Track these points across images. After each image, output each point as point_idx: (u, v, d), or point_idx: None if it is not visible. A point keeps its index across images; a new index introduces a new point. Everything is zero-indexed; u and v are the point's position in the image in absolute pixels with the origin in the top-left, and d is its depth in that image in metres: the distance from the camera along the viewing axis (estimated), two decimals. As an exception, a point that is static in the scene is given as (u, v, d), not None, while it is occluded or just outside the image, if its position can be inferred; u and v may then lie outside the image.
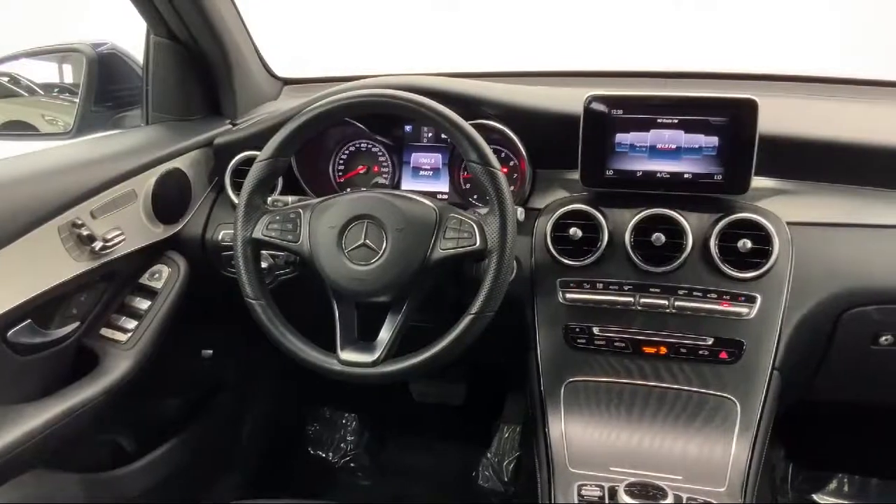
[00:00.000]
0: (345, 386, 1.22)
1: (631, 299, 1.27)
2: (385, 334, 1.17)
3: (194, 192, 1.52)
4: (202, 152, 1.54)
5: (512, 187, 1.37)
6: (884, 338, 1.28)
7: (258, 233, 1.21)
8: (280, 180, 1.45)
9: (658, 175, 1.27)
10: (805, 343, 1.26)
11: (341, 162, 1.55)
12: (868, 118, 1.47)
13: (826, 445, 1.94)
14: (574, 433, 1.21)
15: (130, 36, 1.66)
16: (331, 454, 2.20)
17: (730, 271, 1.23)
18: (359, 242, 1.16)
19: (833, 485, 1.92)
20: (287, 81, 1.88)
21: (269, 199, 1.33)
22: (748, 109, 1.20)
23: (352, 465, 2.18)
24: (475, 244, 1.14)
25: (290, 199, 1.35)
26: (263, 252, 1.31)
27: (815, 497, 1.93)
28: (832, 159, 1.29)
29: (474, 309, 1.12)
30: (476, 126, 1.19)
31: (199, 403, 1.84)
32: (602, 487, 1.11)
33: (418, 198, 1.21)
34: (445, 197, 1.48)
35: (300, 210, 1.22)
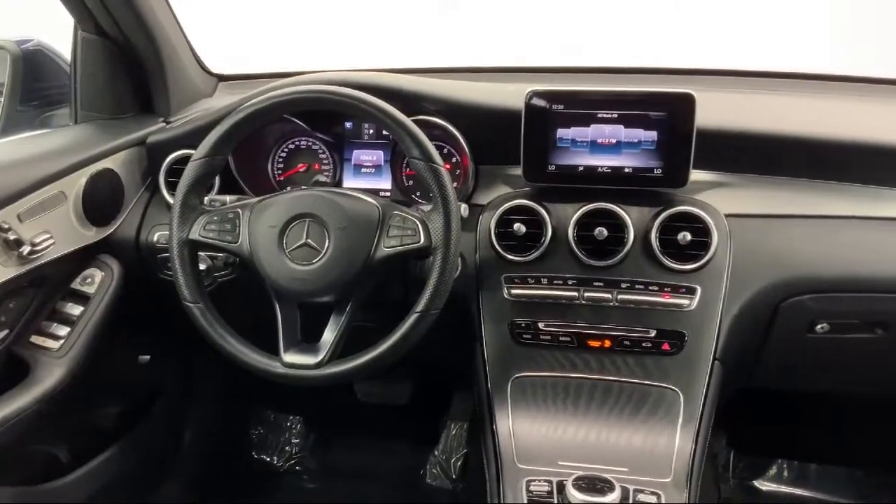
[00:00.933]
0: (289, 388, 1.20)
1: (575, 294, 1.28)
2: (329, 335, 1.15)
3: (127, 192, 1.47)
4: (135, 151, 1.49)
5: (455, 184, 1.37)
6: (819, 326, 1.31)
7: (195, 234, 1.17)
8: (217, 179, 1.41)
9: (599, 170, 1.28)
10: (744, 333, 1.28)
11: (280, 160, 1.52)
12: (803, 111, 1.51)
13: (766, 432, 2.00)
14: (521, 429, 1.21)
15: (57, 32, 1.60)
16: (275, 458, 2.16)
17: (670, 264, 1.25)
18: (300, 242, 1.14)
19: (773, 471, 1.98)
20: (222, 78, 1.83)
21: (206, 198, 1.29)
22: (685, 104, 1.22)
23: (297, 468, 2.15)
24: (419, 242, 1.13)
25: (228, 198, 1.31)
26: (201, 253, 1.28)
27: (755, 483, 1.98)
28: (768, 152, 1.32)
29: (419, 307, 1.11)
30: (418, 122, 1.18)
31: (136, 410, 1.78)
32: (550, 482, 1.11)
33: (361, 195, 1.19)
34: (388, 194, 1.46)
35: (239, 210, 1.18)
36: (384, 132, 1.45)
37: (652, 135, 1.25)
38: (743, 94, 1.62)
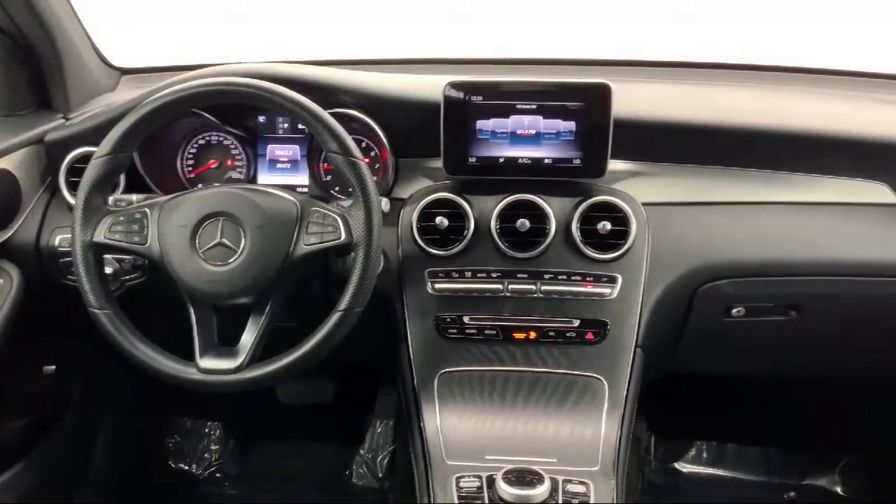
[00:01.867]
0: (206, 394, 1.15)
1: (499, 286, 1.27)
2: (248, 338, 1.11)
3: (24, 194, 1.37)
4: (32, 150, 1.40)
5: (375, 178, 1.33)
6: (735, 310, 1.35)
7: (100, 236, 1.11)
8: (122, 178, 1.33)
9: (520, 161, 1.28)
10: (664, 319, 1.30)
11: (190, 156, 1.46)
12: (716, 100, 1.54)
13: (685, 415, 2.05)
14: (449, 425, 1.20)
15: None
16: (194, 466, 2.09)
17: (591, 253, 1.26)
18: (214, 242, 1.09)
19: (693, 452, 2.03)
20: (125, 71, 1.75)
21: (111, 198, 1.22)
22: (602, 94, 1.23)
23: (217, 475, 2.08)
24: (340, 238, 1.10)
25: (134, 197, 1.25)
26: (107, 256, 1.21)
27: (676, 466, 2.03)
28: (683, 141, 1.35)
29: (342, 305, 1.09)
30: (335, 115, 1.15)
31: (43, 424, 1.69)
32: (480, 478, 1.10)
33: (277, 192, 1.15)
34: (306, 190, 1.42)
35: (146, 209, 1.13)
36: (300, 126, 1.41)
37: (570, 125, 1.25)
38: (658, 84, 1.65)
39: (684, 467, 2.03)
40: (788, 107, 1.52)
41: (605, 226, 1.24)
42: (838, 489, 1.97)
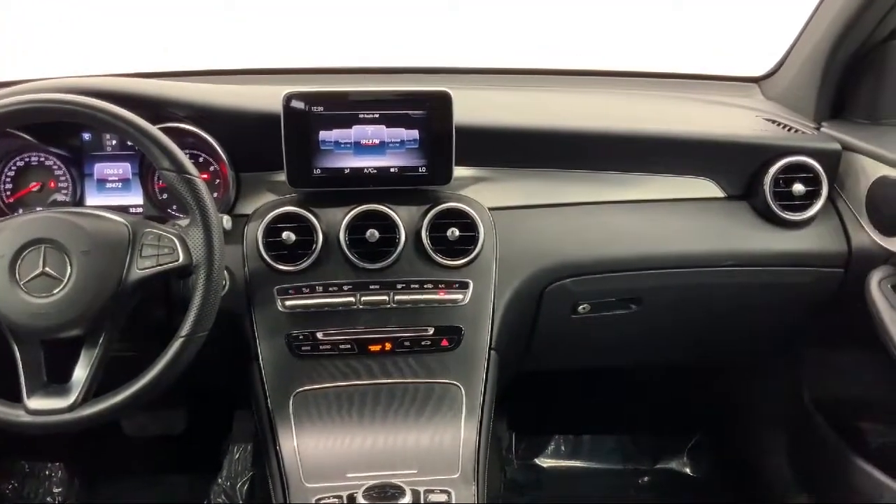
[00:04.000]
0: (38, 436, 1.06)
1: (352, 299, 1.25)
2: (80, 373, 1.03)
3: None
4: None
5: (215, 194, 1.29)
6: (581, 307, 1.40)
7: None
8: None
9: (365, 171, 1.26)
10: (516, 321, 1.33)
11: (8, 180, 1.33)
12: (553, 105, 1.60)
13: (544, 411, 2.11)
14: (307, 446, 1.17)
15: None
16: (37, 511, 1.92)
17: (442, 260, 1.26)
18: (37, 271, 1.01)
19: (552, 447, 2.10)
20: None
21: None
22: (443, 102, 1.24)
23: (64, 517, 1.93)
24: (178, 260, 1.04)
25: None
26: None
27: (537, 461, 2.09)
28: (522, 146, 1.38)
29: (184, 331, 1.04)
30: (166, 130, 1.10)
31: None
32: (340, 497, 1.08)
33: (106, 214, 1.08)
34: (140, 210, 1.34)
35: None
36: (129, 142, 1.32)
37: (414, 134, 1.25)
38: (497, 91, 1.69)
39: (545, 462, 2.09)
40: (619, 110, 1.60)
41: (454, 232, 1.25)
42: (687, 470, 2.10)
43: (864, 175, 1.40)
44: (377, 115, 1.24)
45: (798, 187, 1.37)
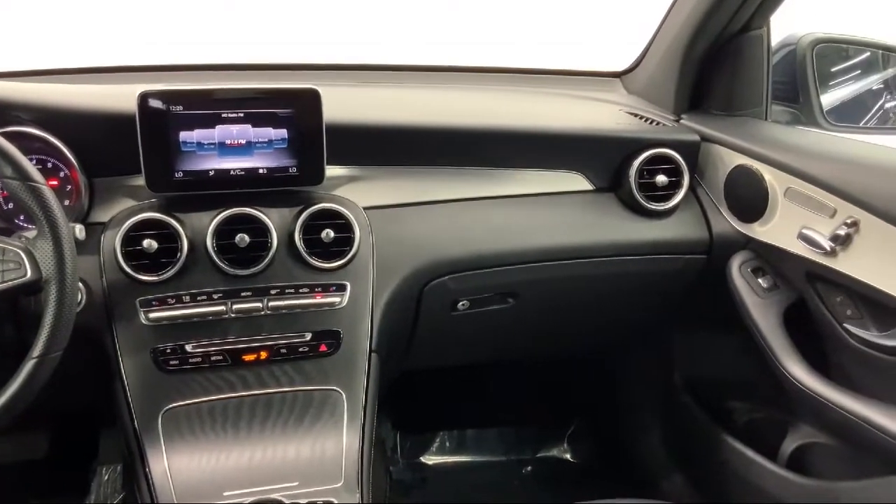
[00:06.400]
0: None
1: (223, 308, 1.19)
2: None
3: None
4: None
5: (66, 202, 1.20)
6: (461, 303, 1.40)
7: None
8: None
9: (232, 172, 1.21)
10: (396, 321, 1.31)
11: None
12: (421, 101, 1.59)
13: (427, 409, 2.11)
14: (179, 466, 1.10)
15: None
16: None
17: (318, 263, 1.22)
18: None
19: (437, 444, 2.10)
20: None
21: None
22: (311, 100, 1.20)
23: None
24: (25, 275, 0.96)
25: None
26: None
27: (422, 459, 2.08)
28: (394, 143, 1.36)
29: (36, 351, 0.95)
30: (8, 135, 1.02)
31: None
32: None
33: None
34: None
35: None
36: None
37: (282, 133, 1.21)
38: (367, 88, 1.66)
39: (430, 460, 2.09)
40: (487, 106, 1.61)
41: (329, 233, 1.22)
42: (568, 456, 2.16)
43: (721, 164, 1.47)
44: (242, 114, 1.19)
45: (661, 178, 1.43)
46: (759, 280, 1.41)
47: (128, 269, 1.15)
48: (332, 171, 1.27)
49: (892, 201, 1.16)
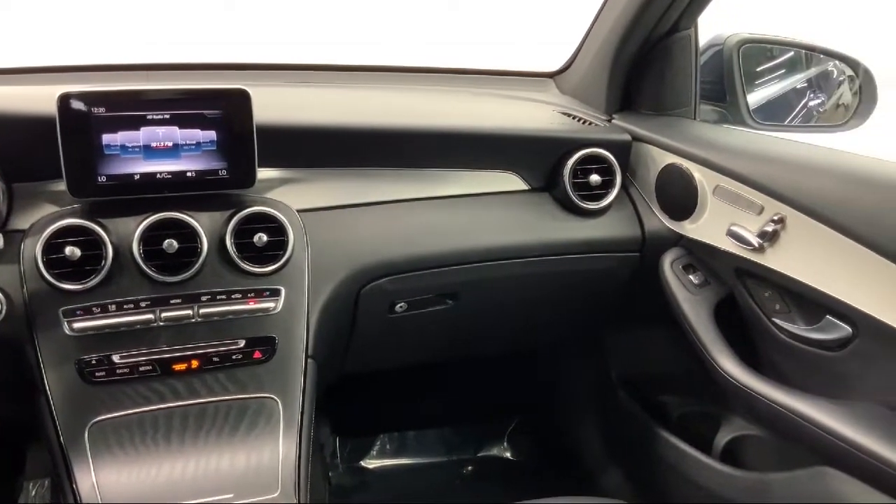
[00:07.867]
0: None
1: (151, 316, 1.15)
2: None
3: None
4: None
5: (-18, 208, 1.14)
6: (399, 305, 1.39)
7: None
8: None
9: (158, 176, 1.17)
10: (333, 325, 1.29)
11: None
12: (353, 102, 1.57)
13: (367, 412, 2.09)
14: (108, 481, 1.06)
15: None
16: None
17: (251, 268, 1.20)
18: None
19: (377, 447, 2.08)
20: None
21: None
22: (241, 100, 1.17)
23: None
24: None
25: None
26: None
27: (362, 463, 2.06)
28: (327, 145, 1.34)
29: None
30: None
31: None
32: None
33: None
34: None
35: None
36: None
37: (211, 135, 1.17)
38: (297, 88, 1.64)
39: (370, 463, 2.07)
40: (424, 106, 1.60)
41: (262, 237, 1.19)
42: (508, 455, 2.17)
43: (652, 163, 1.49)
44: (168, 116, 1.15)
45: (594, 177, 1.44)
46: (691, 276, 1.44)
47: (50, 278, 1.10)
48: (263, 173, 1.25)
49: (817, 198, 1.19)
